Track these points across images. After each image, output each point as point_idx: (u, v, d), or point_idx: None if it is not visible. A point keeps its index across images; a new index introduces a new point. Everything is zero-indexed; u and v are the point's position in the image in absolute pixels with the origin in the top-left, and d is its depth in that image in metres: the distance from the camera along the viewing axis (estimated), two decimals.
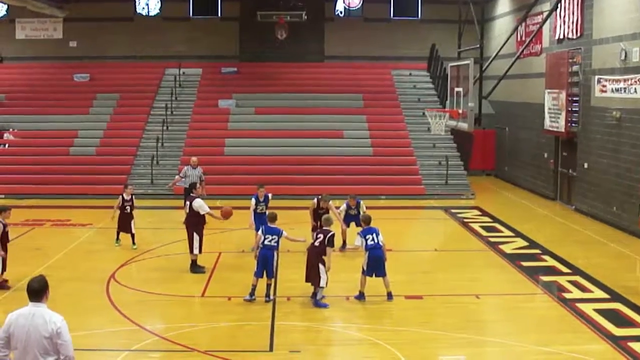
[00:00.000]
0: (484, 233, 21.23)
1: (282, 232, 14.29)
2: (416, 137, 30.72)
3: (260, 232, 14.37)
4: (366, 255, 14.33)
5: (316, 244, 14.14)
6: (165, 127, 30.45)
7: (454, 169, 28.95)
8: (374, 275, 14.28)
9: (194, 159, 22.47)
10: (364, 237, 14.36)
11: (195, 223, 16.31)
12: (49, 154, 29.13)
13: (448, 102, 27.54)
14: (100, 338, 12.19)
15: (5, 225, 14.69)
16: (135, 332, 12.37)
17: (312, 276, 14.01)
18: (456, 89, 25.75)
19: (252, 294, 14.09)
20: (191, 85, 34.26)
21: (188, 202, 16.54)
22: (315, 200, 18.30)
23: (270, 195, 18.49)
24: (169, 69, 35.12)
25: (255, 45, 36.00)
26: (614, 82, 21.62)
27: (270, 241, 14.09)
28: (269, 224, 14.43)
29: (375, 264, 14.22)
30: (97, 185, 27.19)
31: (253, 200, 18.11)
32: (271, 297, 14.21)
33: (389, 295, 14.28)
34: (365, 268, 14.34)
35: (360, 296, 14.36)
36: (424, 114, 29.58)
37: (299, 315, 13.47)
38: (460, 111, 24.80)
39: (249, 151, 29.49)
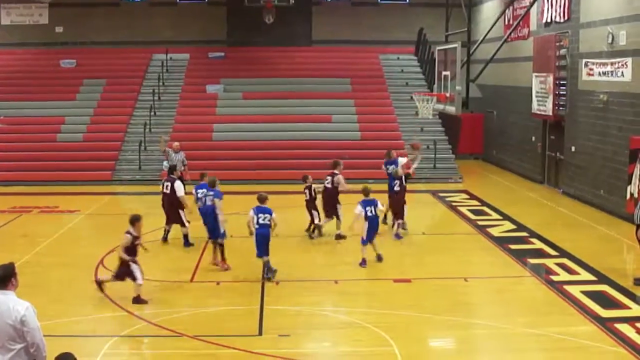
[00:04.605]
0: (472, 216, 21.30)
1: (272, 212, 14.70)
2: (404, 121, 30.75)
3: (251, 212, 14.58)
4: (366, 225, 15.44)
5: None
6: (152, 113, 30.32)
7: (442, 152, 28.99)
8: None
9: (175, 143, 22.45)
10: (364, 208, 15.52)
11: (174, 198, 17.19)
12: (36, 140, 28.96)
13: (435, 85, 27.56)
14: (89, 324, 12.18)
15: (135, 237, 13.27)
16: (124, 317, 12.38)
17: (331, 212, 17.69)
18: (444, 73, 25.75)
19: (270, 270, 14.59)
20: (178, 70, 34.12)
21: (169, 183, 17.31)
22: (306, 190, 18.31)
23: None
24: (156, 55, 34.93)
25: (243, 30, 35.85)
26: (601, 66, 21.67)
27: (264, 220, 14.41)
28: (260, 205, 14.63)
29: (373, 231, 15.64)
30: (85, 172, 27.11)
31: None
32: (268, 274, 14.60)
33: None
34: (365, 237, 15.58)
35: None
36: (411, 97, 29.56)
37: (288, 299, 13.49)
38: (448, 95, 24.82)
39: (237, 136, 29.44)
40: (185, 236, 17.38)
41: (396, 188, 18.51)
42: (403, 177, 18.73)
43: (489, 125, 32.94)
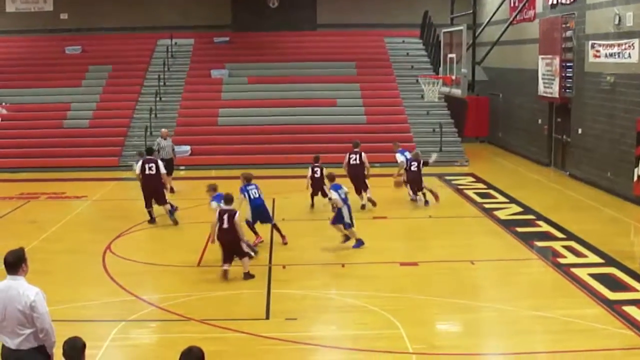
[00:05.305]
0: (478, 199, 21.28)
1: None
2: (410, 104, 30.68)
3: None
4: (345, 208, 15.62)
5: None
6: (158, 98, 30.31)
7: (448, 135, 28.95)
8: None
9: (164, 130, 22.46)
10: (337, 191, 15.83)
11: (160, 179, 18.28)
12: (42, 127, 28.95)
13: (441, 68, 27.42)
14: (97, 309, 12.23)
15: None
16: (131, 302, 12.42)
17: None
18: (449, 56, 25.62)
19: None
20: (184, 55, 34.07)
21: (153, 164, 18.17)
22: (310, 170, 18.60)
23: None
24: (161, 40, 34.85)
25: (248, 15, 35.77)
26: (608, 47, 21.55)
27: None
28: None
29: (350, 212, 15.76)
30: (92, 158, 27.15)
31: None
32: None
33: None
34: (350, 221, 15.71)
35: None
36: (417, 81, 29.48)
37: (295, 283, 13.52)
38: (454, 78, 24.72)
39: (243, 121, 29.40)
40: (170, 211, 18.19)
41: (413, 168, 20.08)
42: (422, 161, 20.13)
43: (495, 108, 32.82)
